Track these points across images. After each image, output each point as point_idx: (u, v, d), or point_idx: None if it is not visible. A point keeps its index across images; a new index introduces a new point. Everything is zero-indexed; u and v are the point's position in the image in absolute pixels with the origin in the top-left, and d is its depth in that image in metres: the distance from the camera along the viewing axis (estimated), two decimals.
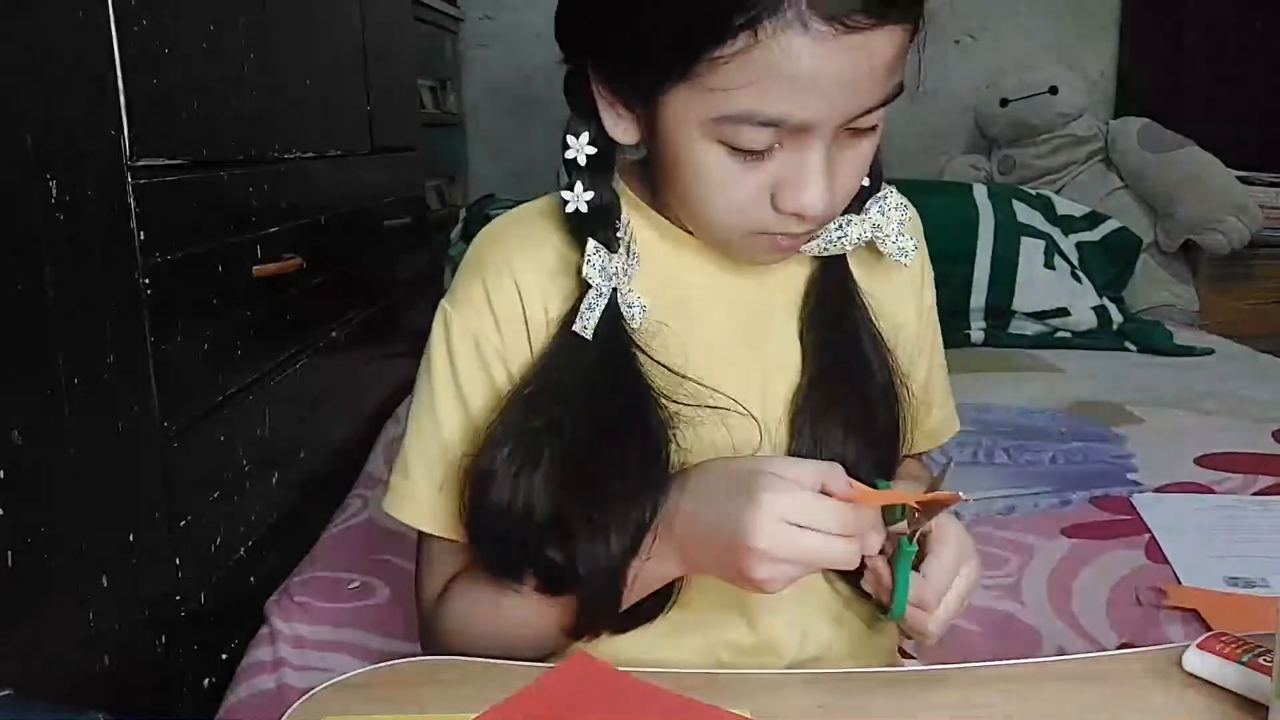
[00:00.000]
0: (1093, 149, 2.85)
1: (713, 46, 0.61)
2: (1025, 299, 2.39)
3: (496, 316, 0.73)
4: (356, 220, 1.74)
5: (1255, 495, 1.42)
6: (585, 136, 0.71)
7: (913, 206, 0.78)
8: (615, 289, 0.71)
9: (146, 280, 1.00)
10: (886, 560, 0.69)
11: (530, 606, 0.73)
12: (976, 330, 2.38)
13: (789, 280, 0.78)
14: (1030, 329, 2.41)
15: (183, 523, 1.07)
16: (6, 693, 0.64)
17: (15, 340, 0.86)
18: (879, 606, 0.72)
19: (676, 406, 0.72)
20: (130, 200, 0.98)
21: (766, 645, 0.77)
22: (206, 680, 1.13)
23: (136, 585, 1.01)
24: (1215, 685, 0.67)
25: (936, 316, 0.87)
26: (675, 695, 0.66)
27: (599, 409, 0.71)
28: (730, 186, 0.67)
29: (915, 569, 0.69)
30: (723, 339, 0.76)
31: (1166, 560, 1.22)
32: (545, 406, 0.71)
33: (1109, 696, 0.67)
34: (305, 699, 0.67)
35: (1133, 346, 2.34)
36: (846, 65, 0.61)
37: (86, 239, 0.94)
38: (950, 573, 0.69)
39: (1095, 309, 2.40)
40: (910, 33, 0.64)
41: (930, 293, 0.86)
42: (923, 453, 0.90)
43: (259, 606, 1.22)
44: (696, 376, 0.73)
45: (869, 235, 0.74)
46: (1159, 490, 1.43)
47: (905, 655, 0.91)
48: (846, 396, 0.76)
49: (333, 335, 1.59)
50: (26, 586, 0.86)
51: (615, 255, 0.71)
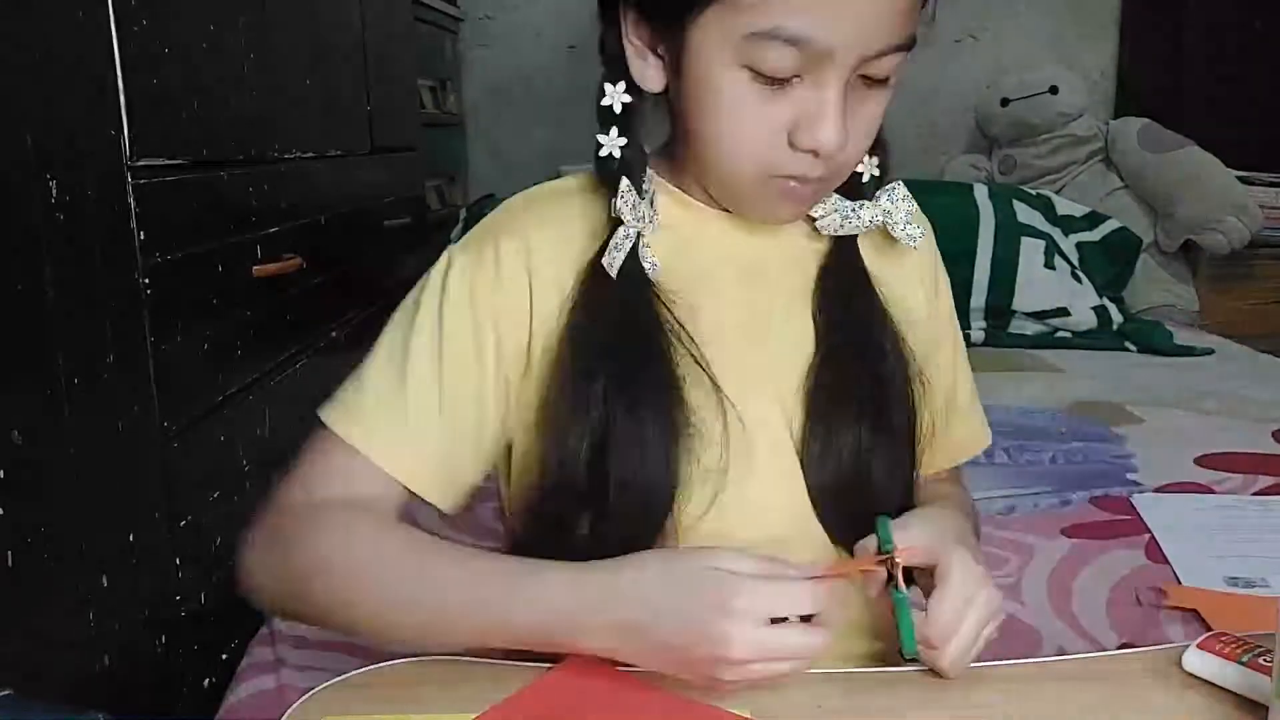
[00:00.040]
0: (1093, 149, 2.85)
1: None
2: (1025, 299, 2.39)
3: (501, 277, 0.74)
4: (356, 220, 1.74)
5: (1255, 495, 1.42)
6: (621, 85, 0.74)
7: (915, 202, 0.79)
8: (640, 235, 0.73)
9: (146, 280, 1.00)
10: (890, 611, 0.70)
11: (462, 577, 0.69)
12: (976, 330, 2.38)
13: (802, 259, 0.79)
14: (1030, 329, 2.41)
15: (183, 523, 1.07)
16: (6, 693, 0.64)
17: (15, 340, 0.86)
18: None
19: (695, 370, 0.73)
20: (130, 200, 0.98)
21: None
22: (206, 680, 1.13)
23: (136, 585, 1.01)
24: (1215, 685, 0.67)
25: (958, 326, 0.89)
26: (675, 695, 0.66)
27: (621, 355, 0.72)
28: (750, 119, 0.69)
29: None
30: (734, 313, 0.76)
31: (1166, 560, 1.22)
32: (577, 346, 0.72)
33: (1109, 696, 0.67)
34: (305, 699, 0.67)
35: (1133, 346, 2.34)
36: None
37: (86, 239, 0.94)
38: (954, 608, 0.67)
39: (1095, 309, 2.40)
40: None
41: (947, 301, 0.87)
42: (954, 467, 0.91)
43: None
44: (712, 342, 0.74)
45: (880, 220, 0.77)
46: (1159, 490, 1.43)
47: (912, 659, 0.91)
48: (859, 375, 0.77)
49: (333, 335, 1.59)
50: (26, 586, 0.86)
51: (642, 202, 0.73)
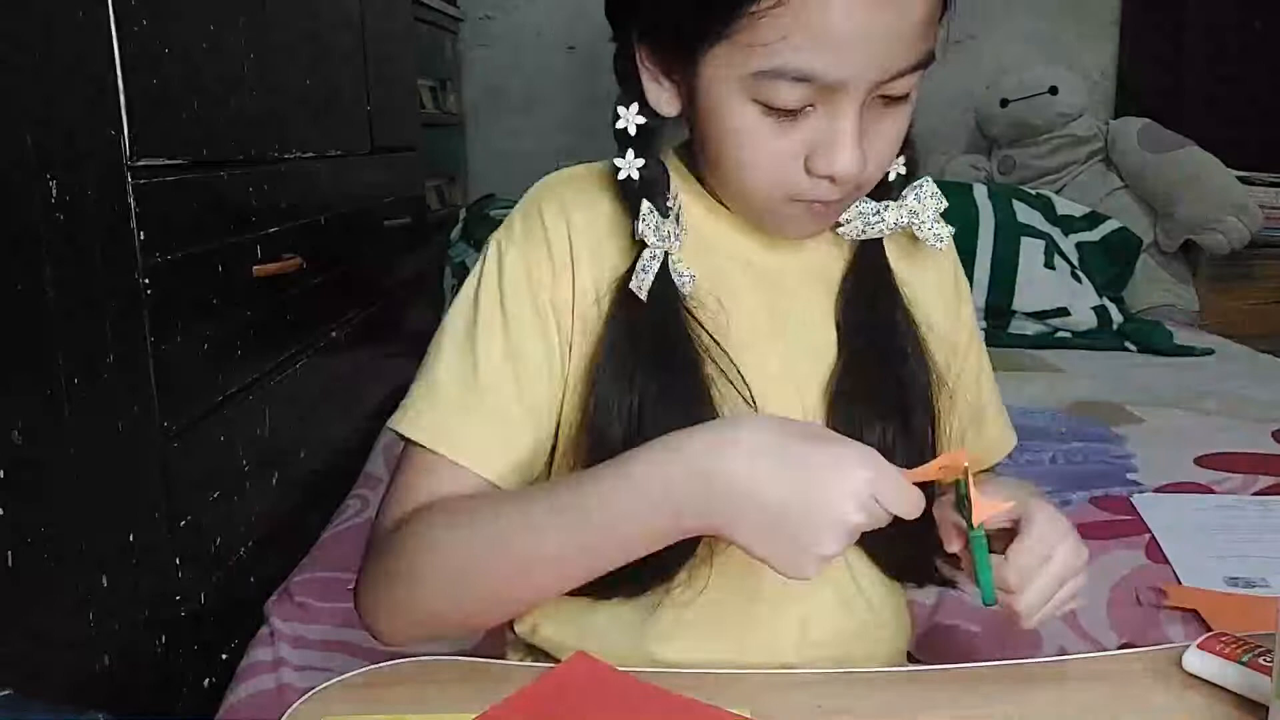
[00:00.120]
0: (1093, 149, 2.85)
1: (749, 1, 0.62)
2: (1025, 299, 2.39)
3: (551, 254, 0.74)
4: (356, 220, 1.74)
5: (1255, 495, 1.42)
6: (635, 107, 0.73)
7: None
8: (667, 254, 0.72)
9: (146, 280, 1.00)
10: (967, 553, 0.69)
11: (545, 521, 0.67)
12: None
13: (826, 264, 0.79)
14: (1030, 329, 2.41)
15: (183, 523, 1.07)
16: (6, 693, 0.64)
17: (15, 340, 0.86)
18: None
19: (724, 380, 0.73)
20: (130, 200, 0.98)
21: (766, 629, 0.77)
22: (206, 680, 1.13)
23: (136, 585, 1.01)
24: (1215, 685, 0.67)
25: (981, 336, 0.88)
26: (675, 695, 0.66)
27: (652, 370, 0.71)
28: (765, 148, 0.68)
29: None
30: (758, 315, 0.76)
31: (1166, 560, 1.22)
32: (604, 367, 0.72)
33: (1109, 696, 0.67)
34: (305, 699, 0.67)
35: (1133, 346, 2.34)
36: (878, 20, 0.62)
37: (86, 239, 0.94)
38: (1034, 553, 0.67)
39: (1095, 309, 2.40)
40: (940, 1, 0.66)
41: (969, 305, 0.87)
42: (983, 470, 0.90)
43: (259, 606, 1.22)
44: (736, 350, 0.74)
45: (905, 221, 0.76)
46: (1159, 490, 1.43)
47: (912, 659, 0.91)
48: (882, 379, 0.76)
49: (333, 335, 1.59)
50: (26, 586, 0.86)
51: (667, 221, 0.72)
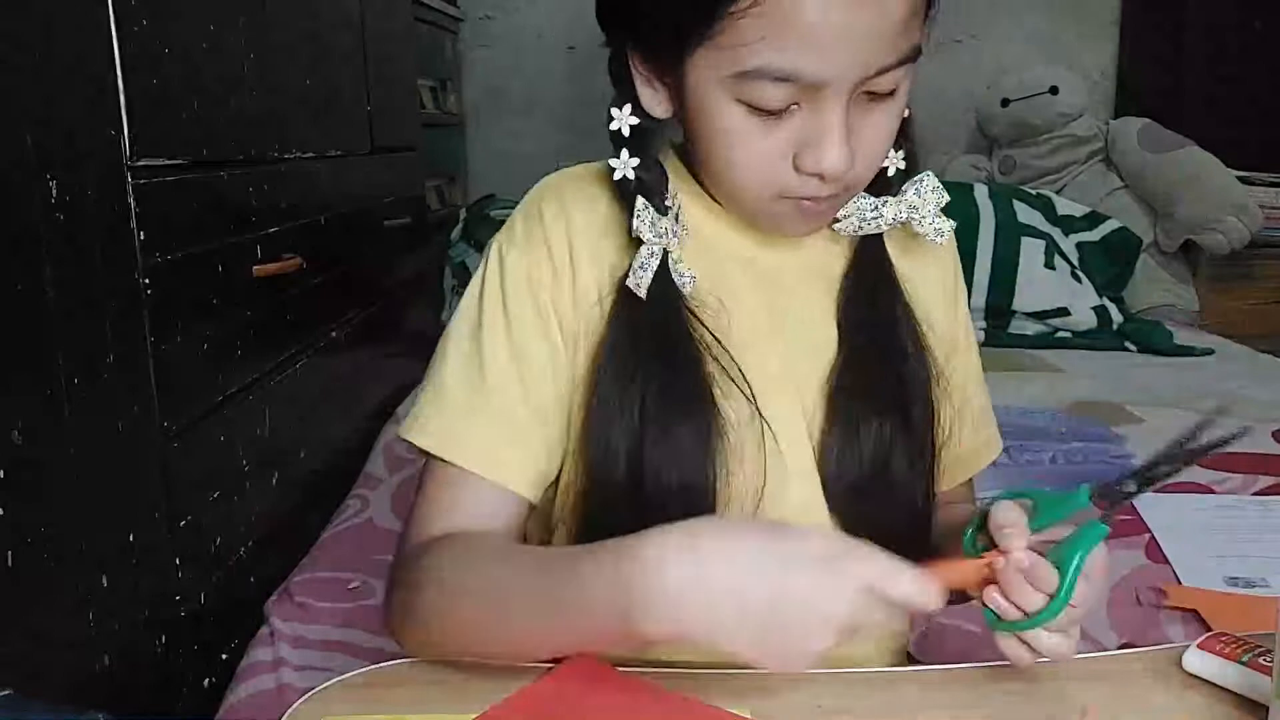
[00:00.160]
0: (1093, 149, 2.85)
1: (727, 2, 0.62)
2: (1025, 299, 2.39)
3: (552, 256, 0.74)
4: (356, 220, 1.74)
5: (1255, 495, 1.42)
6: (628, 109, 0.73)
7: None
8: (666, 253, 0.72)
9: (146, 280, 1.00)
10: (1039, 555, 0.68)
11: (571, 570, 0.64)
12: (977, 330, 2.36)
13: (826, 261, 0.79)
14: (1030, 329, 2.41)
15: (183, 523, 1.07)
16: (6, 693, 0.64)
17: (15, 340, 0.86)
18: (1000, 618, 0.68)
19: (725, 378, 0.72)
20: (130, 200, 0.98)
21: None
22: (206, 680, 1.13)
23: (136, 585, 1.01)
24: (1215, 685, 0.67)
25: (974, 335, 0.88)
26: (675, 695, 0.66)
27: (655, 369, 0.71)
28: (753, 147, 0.68)
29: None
30: (758, 313, 0.76)
31: (1166, 560, 1.22)
32: (606, 365, 0.72)
33: (1109, 696, 0.67)
34: (305, 699, 0.67)
35: (1133, 346, 2.34)
36: (856, 18, 0.62)
37: (86, 239, 0.94)
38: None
39: (1095, 309, 2.40)
40: None
41: (964, 303, 0.87)
42: (966, 481, 0.88)
43: (259, 606, 1.22)
44: (737, 349, 0.74)
45: (904, 216, 0.75)
46: (1159, 490, 1.43)
47: (912, 659, 0.91)
48: (882, 375, 0.76)
49: (333, 335, 1.59)
50: (26, 586, 0.86)
51: (664, 218, 0.72)
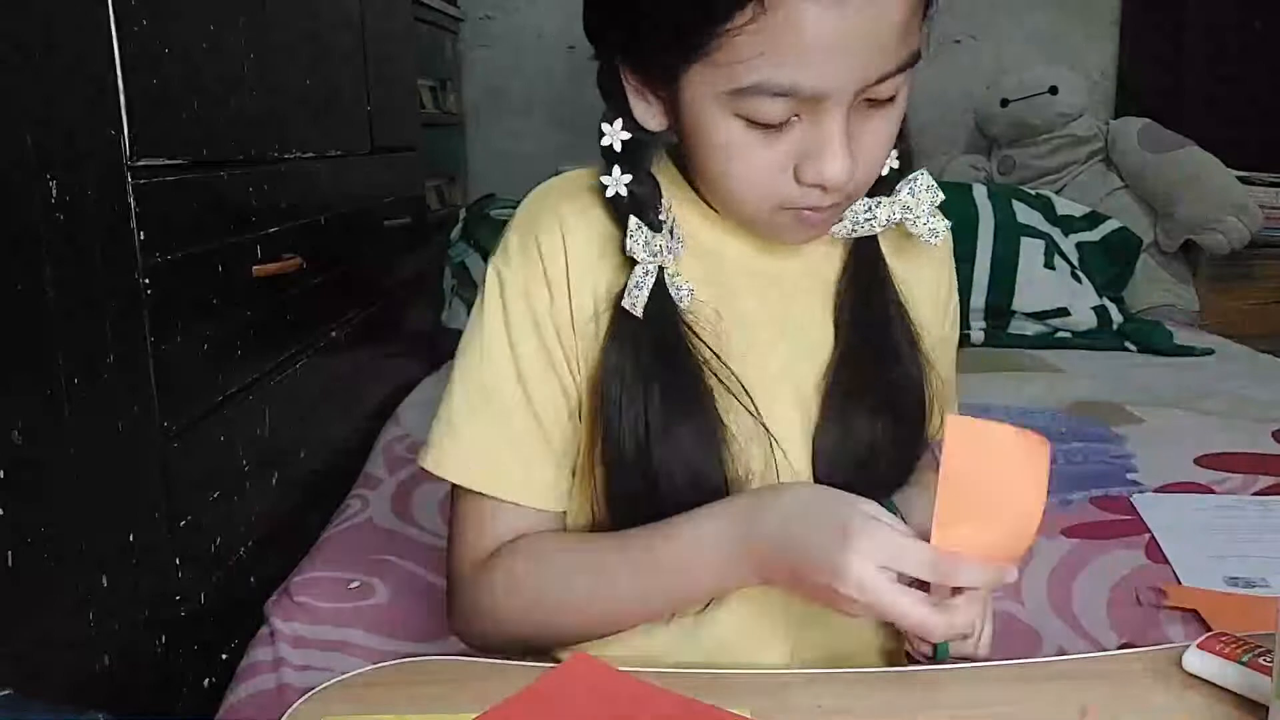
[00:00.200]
0: (1093, 149, 2.84)
1: (723, 20, 0.62)
2: (1025, 299, 2.39)
3: (548, 275, 0.74)
4: (356, 220, 1.74)
5: (1255, 495, 1.41)
6: (619, 123, 0.72)
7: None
8: (662, 269, 0.72)
9: (146, 280, 1.00)
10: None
11: (617, 566, 0.72)
12: (976, 330, 2.37)
13: (821, 263, 0.79)
14: (1030, 329, 2.41)
15: (183, 523, 1.07)
16: (6, 693, 0.64)
17: (15, 340, 0.86)
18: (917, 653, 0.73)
19: (723, 389, 0.73)
20: (130, 200, 0.98)
21: (754, 648, 0.77)
22: (206, 680, 1.13)
23: (136, 585, 1.01)
24: (1215, 685, 0.67)
25: (959, 329, 0.88)
26: (675, 695, 0.66)
27: (656, 388, 0.71)
28: (752, 160, 0.67)
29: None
30: (757, 317, 0.76)
31: (1166, 560, 1.22)
32: (608, 387, 0.72)
33: (1109, 696, 0.67)
34: (305, 699, 0.67)
35: (1133, 346, 2.34)
36: (854, 30, 0.61)
37: (86, 239, 0.94)
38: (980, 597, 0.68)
39: (1095, 309, 2.40)
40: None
41: (954, 297, 0.87)
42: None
43: (259, 606, 1.22)
44: (737, 355, 0.74)
45: (898, 216, 0.75)
46: (1159, 490, 1.43)
47: (912, 659, 0.91)
48: (876, 376, 0.77)
49: (333, 335, 1.59)
50: (26, 586, 0.86)
51: (659, 235, 0.72)
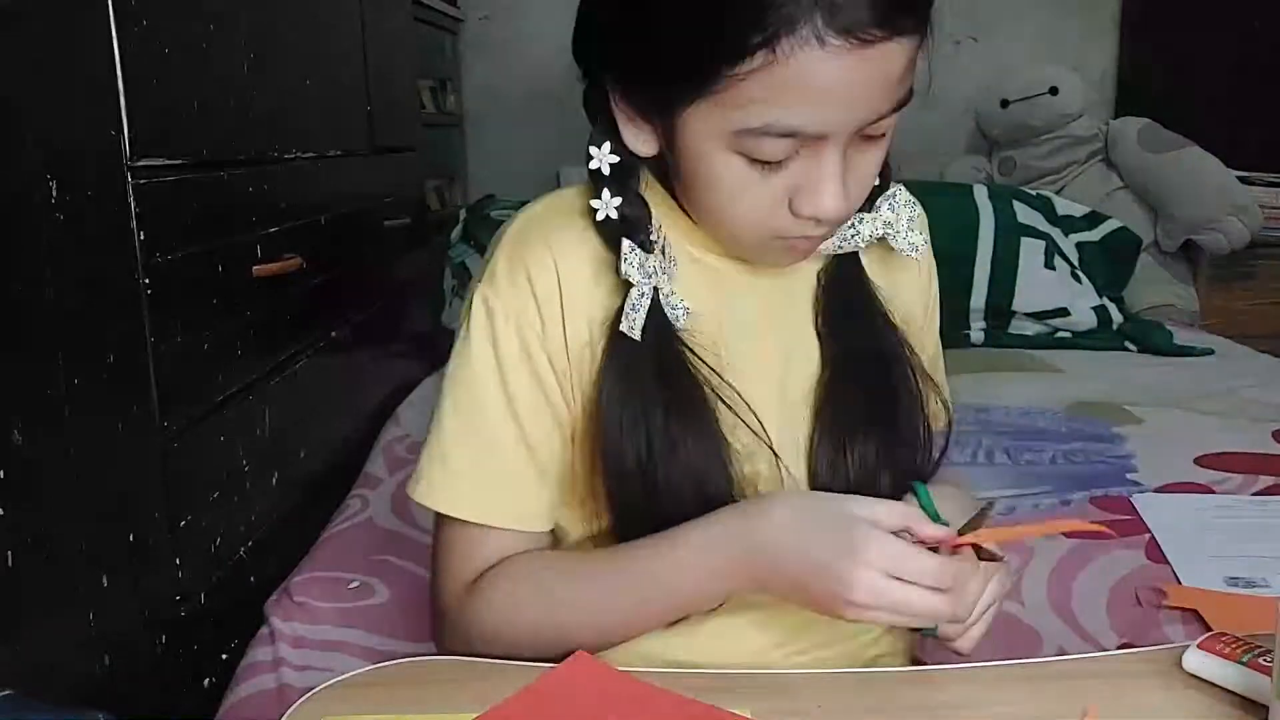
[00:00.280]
0: (1093, 149, 2.84)
1: (731, 65, 0.62)
2: (1025, 299, 2.39)
3: (539, 302, 0.73)
4: (356, 220, 1.74)
5: (1255, 495, 1.41)
6: (607, 146, 0.72)
7: (920, 204, 0.79)
8: (657, 289, 0.72)
9: (146, 280, 1.00)
10: None
11: (609, 581, 0.73)
12: (976, 330, 2.37)
13: (805, 279, 0.79)
14: (1030, 329, 2.41)
15: (183, 523, 1.07)
16: (7, 693, 0.64)
17: (15, 340, 0.86)
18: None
19: (729, 412, 0.73)
20: (130, 200, 0.98)
21: (754, 648, 0.77)
22: (206, 680, 1.13)
23: (136, 585, 1.01)
24: (1215, 685, 0.67)
25: (938, 305, 0.89)
26: (675, 695, 0.66)
27: (659, 410, 0.71)
28: (749, 195, 0.68)
29: None
30: (750, 332, 0.77)
31: (1166, 560, 1.22)
32: (609, 411, 0.72)
33: (1109, 696, 0.67)
34: (305, 699, 0.67)
35: (1133, 346, 2.33)
36: (860, 77, 0.62)
37: (86, 239, 0.94)
38: (986, 589, 0.69)
39: (1095, 309, 2.40)
40: (919, 42, 0.65)
41: (934, 284, 0.87)
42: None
43: (259, 606, 1.22)
44: (736, 369, 0.74)
45: (880, 232, 0.76)
46: (1159, 490, 1.43)
47: (913, 660, 0.91)
48: (867, 385, 0.77)
49: (333, 335, 1.59)
50: (27, 587, 0.86)
51: (652, 256, 0.72)
